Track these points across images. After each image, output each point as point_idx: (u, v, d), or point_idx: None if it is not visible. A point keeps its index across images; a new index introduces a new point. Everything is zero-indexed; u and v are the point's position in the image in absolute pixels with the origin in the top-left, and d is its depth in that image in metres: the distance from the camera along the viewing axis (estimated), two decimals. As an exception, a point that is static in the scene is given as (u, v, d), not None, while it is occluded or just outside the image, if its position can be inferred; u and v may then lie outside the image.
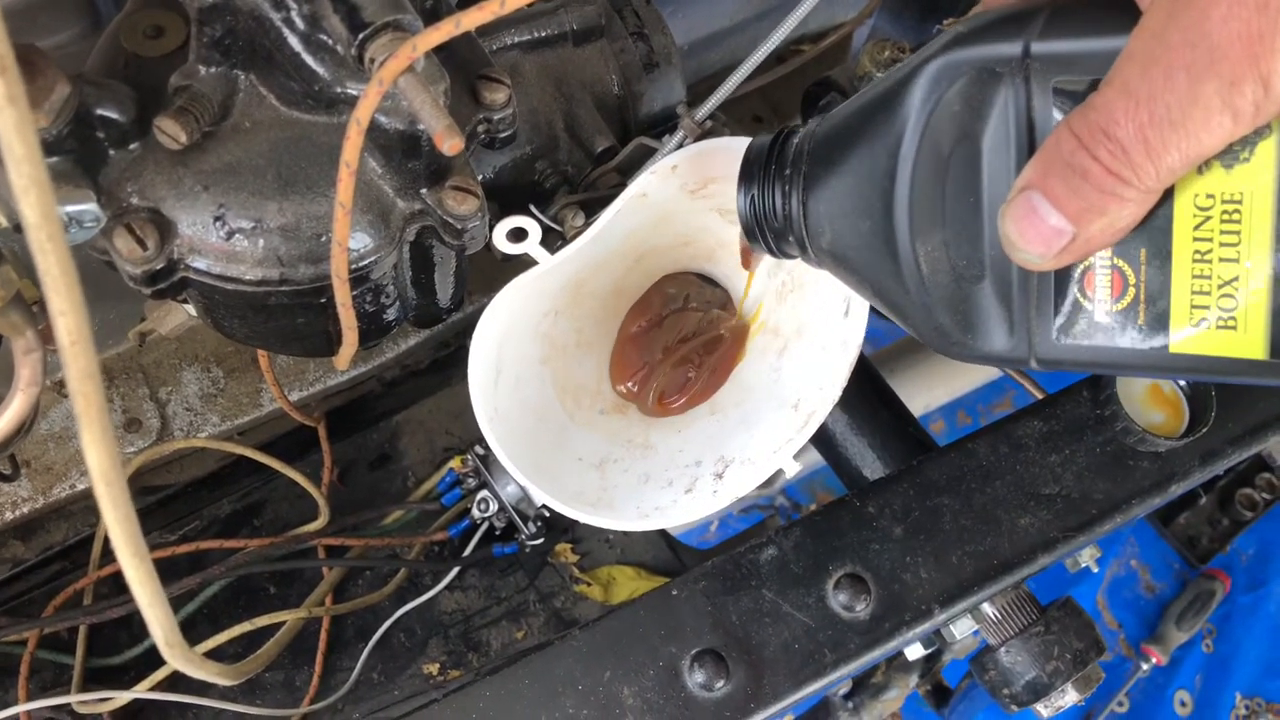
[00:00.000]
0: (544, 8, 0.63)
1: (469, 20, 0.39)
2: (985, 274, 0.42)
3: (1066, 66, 0.38)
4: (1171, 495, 0.66)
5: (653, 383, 0.66)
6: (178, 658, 0.45)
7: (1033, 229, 0.37)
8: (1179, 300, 0.39)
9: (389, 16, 0.43)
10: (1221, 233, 0.38)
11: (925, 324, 0.44)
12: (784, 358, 0.64)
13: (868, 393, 0.75)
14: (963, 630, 0.64)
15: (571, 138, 0.63)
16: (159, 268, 0.46)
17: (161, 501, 0.79)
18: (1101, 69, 0.36)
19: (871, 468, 0.74)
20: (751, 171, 0.49)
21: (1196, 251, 0.38)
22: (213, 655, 0.71)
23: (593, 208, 0.59)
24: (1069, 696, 0.65)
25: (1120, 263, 0.40)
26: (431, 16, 0.50)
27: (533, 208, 0.58)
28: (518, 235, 0.56)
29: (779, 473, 0.59)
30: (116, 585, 0.72)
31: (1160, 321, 0.40)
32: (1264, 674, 1.49)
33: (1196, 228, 0.38)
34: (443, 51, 0.48)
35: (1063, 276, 0.41)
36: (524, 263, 0.56)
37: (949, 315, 0.43)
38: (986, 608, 0.64)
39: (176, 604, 0.73)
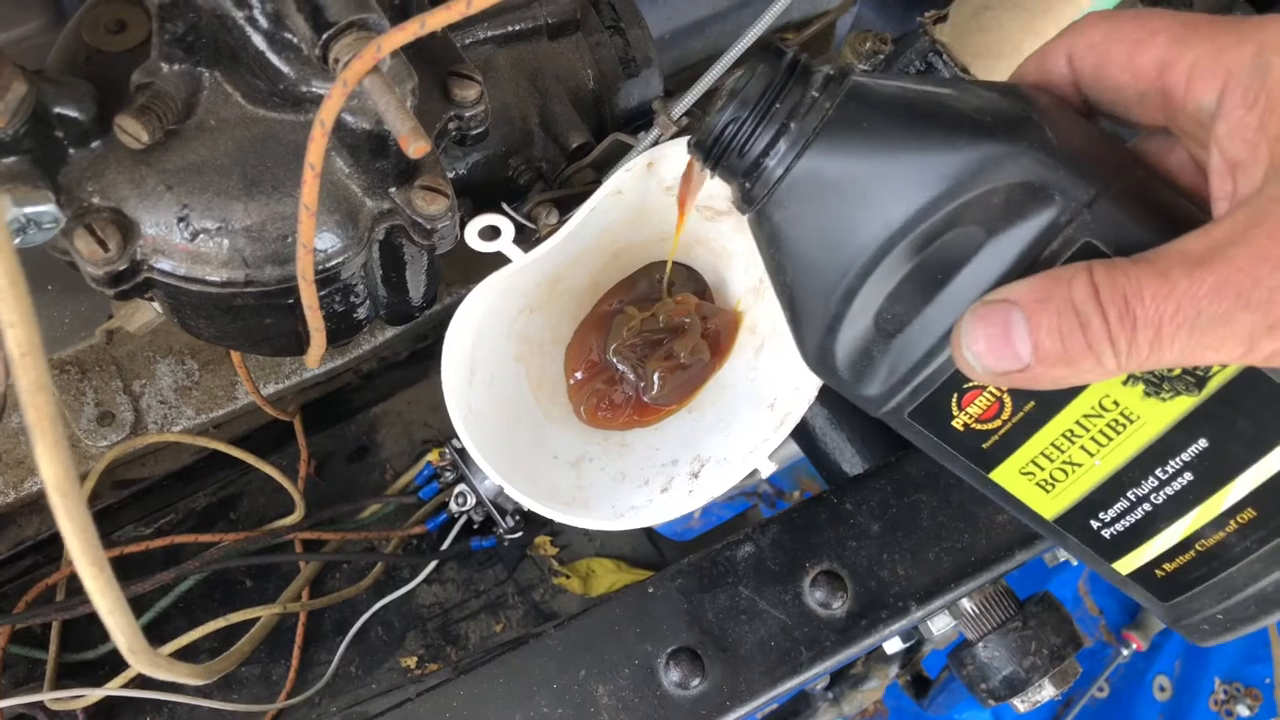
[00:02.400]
0: (518, 1, 0.61)
1: (434, 20, 0.38)
2: (898, 335, 0.41)
3: (1112, 236, 0.38)
4: (1149, 491, 0.66)
5: (590, 388, 0.65)
6: (143, 662, 0.44)
7: (996, 341, 0.37)
8: (1026, 452, 0.43)
9: (353, 16, 0.42)
10: (1099, 432, 0.41)
11: (815, 340, 0.44)
12: (761, 356, 0.63)
13: (847, 387, 0.75)
14: (940, 626, 0.65)
15: (546, 133, 0.62)
16: (122, 269, 0.45)
17: (136, 495, 0.78)
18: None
19: (851, 463, 0.73)
20: (762, 73, 0.42)
21: (1069, 430, 0.42)
22: (187, 651, 0.71)
23: (567, 205, 0.59)
24: (1046, 691, 0.66)
25: (1007, 398, 0.42)
26: (400, 13, 0.49)
27: (505, 205, 0.57)
28: (490, 233, 0.55)
29: (754, 471, 0.59)
30: (90, 580, 0.71)
31: (999, 455, 0.44)
32: (1242, 659, 1.50)
33: (1085, 416, 0.41)
34: (412, 48, 0.47)
35: (953, 381, 0.42)
36: (502, 256, 0.56)
37: (843, 348, 0.43)
38: (965, 603, 0.64)
39: (151, 599, 0.73)
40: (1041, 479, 0.44)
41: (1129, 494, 0.43)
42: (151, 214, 0.46)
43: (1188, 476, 0.41)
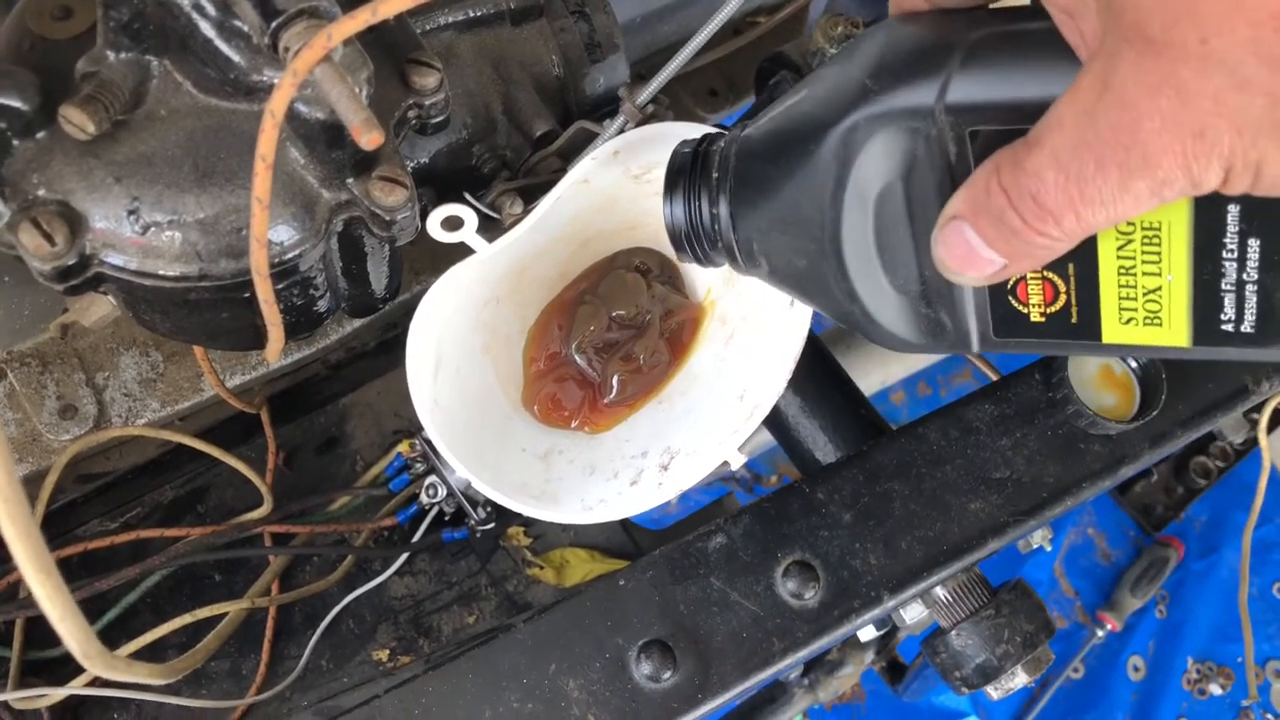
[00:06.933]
0: (479, -14, 0.60)
1: (386, 8, 0.37)
2: (924, 288, 0.43)
3: (982, 116, 0.38)
4: (1121, 477, 0.66)
5: (544, 385, 0.64)
6: (99, 666, 0.43)
7: (966, 257, 0.38)
8: (1108, 304, 0.42)
9: (303, 3, 0.41)
10: (1143, 251, 0.41)
11: (874, 334, 0.45)
12: (730, 346, 0.63)
13: (819, 375, 0.74)
14: (913, 615, 0.64)
15: (510, 121, 0.61)
16: (70, 264, 0.44)
17: (101, 489, 0.77)
18: (1020, 119, 0.36)
19: (824, 451, 0.73)
20: (676, 182, 0.49)
21: (1121, 266, 0.41)
22: (155, 646, 0.70)
23: (532, 193, 0.58)
24: (1018, 679, 0.66)
25: (1051, 275, 0.42)
26: (352, 0, 0.48)
27: (468, 195, 0.56)
28: (453, 223, 0.54)
29: (724, 464, 0.58)
30: (54, 576, 0.70)
31: (1092, 320, 0.43)
32: (1215, 638, 1.52)
33: (1120, 248, 0.41)
34: (369, 34, 0.46)
35: (997, 289, 0.43)
36: (467, 246, 0.55)
37: (895, 325, 0.44)
38: (938, 591, 0.64)
39: (118, 594, 0.72)
40: (1145, 317, 0.42)
41: (1224, 285, 0.41)
42: (100, 207, 0.44)
43: (1255, 240, 0.40)
